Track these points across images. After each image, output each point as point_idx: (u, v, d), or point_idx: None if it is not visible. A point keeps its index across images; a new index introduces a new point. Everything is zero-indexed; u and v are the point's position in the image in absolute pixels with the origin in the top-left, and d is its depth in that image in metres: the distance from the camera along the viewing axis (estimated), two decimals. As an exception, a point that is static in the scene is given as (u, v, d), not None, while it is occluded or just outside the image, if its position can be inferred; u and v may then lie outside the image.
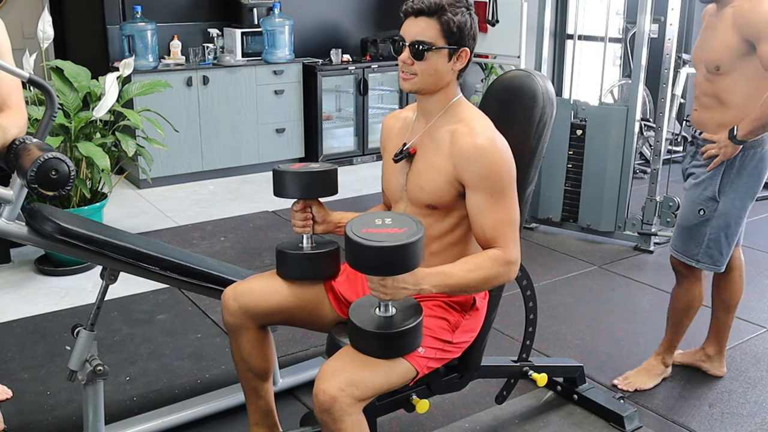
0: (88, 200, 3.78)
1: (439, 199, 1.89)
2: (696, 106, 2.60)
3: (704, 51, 2.51)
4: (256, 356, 2.06)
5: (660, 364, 2.78)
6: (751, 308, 3.47)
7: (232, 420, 2.50)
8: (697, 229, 2.60)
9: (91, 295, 3.46)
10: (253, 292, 1.99)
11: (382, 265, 1.65)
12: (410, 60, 1.82)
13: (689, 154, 2.71)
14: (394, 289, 1.69)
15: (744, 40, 2.37)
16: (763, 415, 2.61)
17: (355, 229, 1.67)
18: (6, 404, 2.58)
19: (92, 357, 2.06)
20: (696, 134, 2.65)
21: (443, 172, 1.86)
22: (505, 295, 2.52)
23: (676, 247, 2.68)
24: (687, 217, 2.63)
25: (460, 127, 1.86)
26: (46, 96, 2.04)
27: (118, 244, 2.04)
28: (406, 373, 1.79)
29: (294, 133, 5.76)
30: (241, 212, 4.78)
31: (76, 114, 3.73)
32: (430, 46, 1.81)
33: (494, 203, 1.82)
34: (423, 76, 1.84)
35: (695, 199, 2.60)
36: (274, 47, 5.52)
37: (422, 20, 1.81)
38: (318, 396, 1.68)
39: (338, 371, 1.70)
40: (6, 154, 2.02)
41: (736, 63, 2.40)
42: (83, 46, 5.81)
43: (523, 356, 2.44)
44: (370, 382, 1.71)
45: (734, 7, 2.40)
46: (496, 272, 1.82)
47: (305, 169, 2.05)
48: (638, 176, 5.26)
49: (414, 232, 1.66)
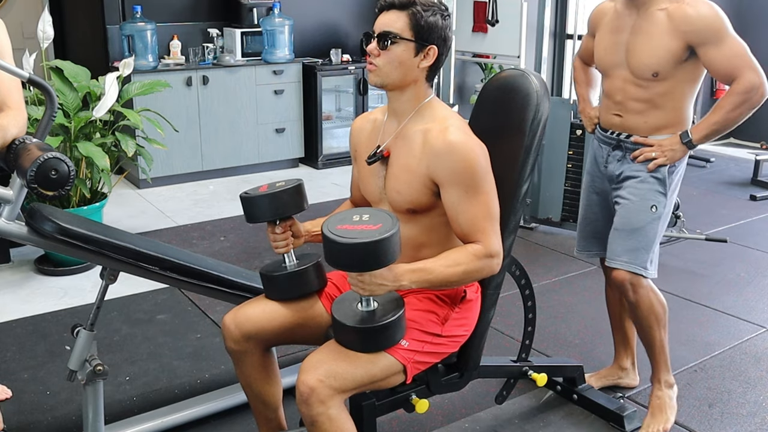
0: (88, 200, 3.78)
1: (417, 202, 1.90)
2: (618, 111, 2.42)
3: (633, 56, 2.33)
4: (262, 381, 2.06)
5: (666, 389, 2.55)
6: (751, 308, 3.48)
7: (232, 420, 2.50)
8: (649, 229, 2.38)
9: (91, 295, 3.46)
10: (254, 318, 1.98)
11: (356, 261, 1.68)
12: (376, 51, 1.86)
13: (615, 159, 2.47)
14: (371, 284, 1.73)
15: (687, 47, 2.26)
16: (763, 415, 2.61)
17: (330, 227, 1.70)
18: (6, 404, 2.58)
19: (92, 357, 2.06)
20: (622, 138, 2.44)
21: (417, 173, 1.87)
22: (505, 295, 2.52)
23: (623, 257, 2.39)
24: (639, 217, 2.38)
25: (432, 126, 1.88)
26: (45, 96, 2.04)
27: (118, 244, 2.04)
28: (389, 367, 1.81)
29: (294, 133, 5.76)
30: (240, 212, 4.71)
31: (76, 114, 3.73)
32: (396, 35, 1.83)
33: (469, 198, 1.83)
34: (387, 67, 1.86)
35: (645, 196, 2.39)
36: (274, 47, 5.52)
37: (392, 13, 1.86)
38: (299, 387, 1.72)
39: (319, 363, 1.74)
40: (6, 154, 2.02)
41: (677, 69, 2.29)
42: (83, 46, 5.81)
43: (522, 356, 2.44)
44: (350, 375, 1.74)
45: (669, 12, 2.27)
46: (477, 266, 1.84)
47: (275, 189, 2.00)
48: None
49: (388, 228, 1.67)
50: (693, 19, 2.23)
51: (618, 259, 2.40)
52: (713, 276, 3.87)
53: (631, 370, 2.77)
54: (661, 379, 2.54)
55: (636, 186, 2.40)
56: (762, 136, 6.86)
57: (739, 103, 2.25)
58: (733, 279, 3.83)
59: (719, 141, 7.10)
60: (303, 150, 5.84)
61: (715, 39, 2.23)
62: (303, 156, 5.87)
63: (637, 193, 2.39)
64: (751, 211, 4.94)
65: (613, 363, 2.78)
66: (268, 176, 5.63)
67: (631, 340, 2.73)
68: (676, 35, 2.25)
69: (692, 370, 2.91)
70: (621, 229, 2.41)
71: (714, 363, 2.97)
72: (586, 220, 2.65)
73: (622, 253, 2.39)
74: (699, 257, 4.11)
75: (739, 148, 6.90)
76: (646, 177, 2.39)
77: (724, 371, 2.91)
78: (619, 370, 2.76)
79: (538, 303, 2.48)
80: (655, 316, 2.44)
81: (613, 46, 2.41)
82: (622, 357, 2.76)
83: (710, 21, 2.23)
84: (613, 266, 2.41)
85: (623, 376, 2.76)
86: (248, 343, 1.99)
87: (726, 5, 6.97)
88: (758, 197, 5.16)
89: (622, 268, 2.39)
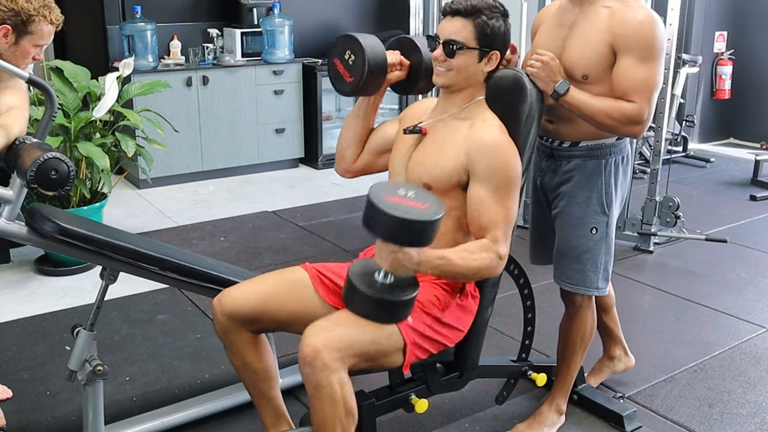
0: (88, 200, 3.78)
1: (436, 180, 1.94)
2: (551, 117, 2.25)
3: (566, 54, 2.16)
4: (251, 356, 2.06)
5: (554, 413, 2.46)
6: (751, 308, 3.48)
7: (232, 420, 2.50)
8: (593, 252, 2.27)
9: (91, 295, 3.46)
10: (234, 298, 1.99)
11: (399, 236, 1.69)
12: (442, 57, 1.94)
13: (549, 170, 2.33)
14: (398, 261, 1.75)
15: (613, 51, 2.09)
16: (763, 415, 2.61)
17: (379, 195, 1.71)
18: (6, 404, 2.58)
19: (92, 357, 2.06)
20: (555, 146, 2.29)
21: (452, 158, 1.93)
22: (505, 295, 2.52)
23: (571, 280, 2.31)
24: (579, 242, 2.27)
25: (479, 122, 1.96)
26: (46, 96, 2.04)
27: (118, 244, 2.04)
28: (394, 340, 1.83)
29: (294, 133, 5.76)
30: (240, 212, 4.78)
31: (76, 114, 3.73)
32: (462, 45, 1.92)
33: (497, 198, 1.89)
34: (455, 72, 1.95)
35: (583, 220, 2.26)
36: (274, 47, 5.52)
37: (458, 20, 1.92)
38: (303, 350, 1.71)
39: (325, 328, 1.75)
40: (6, 154, 2.02)
41: (606, 74, 2.11)
42: (83, 46, 5.81)
43: (522, 356, 2.44)
44: (357, 341, 1.75)
45: (612, 11, 2.10)
46: (488, 265, 1.88)
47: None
48: (638, 176, 5.26)
49: (436, 211, 1.71)
50: (629, 23, 2.06)
51: (566, 282, 2.34)
52: (713, 276, 3.87)
53: (622, 355, 2.75)
54: (554, 401, 2.47)
55: (573, 208, 2.28)
56: (762, 136, 6.87)
57: (617, 119, 2.08)
58: (733, 279, 3.83)
59: (719, 141, 7.11)
60: (303, 150, 5.84)
61: (639, 52, 2.06)
62: (303, 156, 5.86)
63: (575, 215, 2.28)
64: (751, 211, 4.93)
65: (603, 355, 2.77)
66: (268, 176, 5.64)
67: (614, 331, 2.72)
68: (608, 36, 2.09)
69: (692, 370, 2.91)
70: (564, 253, 2.32)
71: (714, 363, 2.97)
72: (537, 231, 2.54)
73: (570, 276, 2.32)
74: (699, 257, 4.11)
75: (739, 148, 6.90)
76: (583, 198, 2.26)
77: (724, 371, 2.91)
78: (610, 360, 2.75)
79: (538, 303, 2.48)
80: (582, 338, 2.41)
81: (550, 41, 2.23)
82: (611, 347, 2.75)
83: (644, 33, 2.06)
84: (560, 286, 2.38)
85: (617, 363, 2.75)
86: (232, 322, 1.99)
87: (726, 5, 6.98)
88: (758, 197, 5.16)
89: (568, 290, 2.35)
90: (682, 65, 5.85)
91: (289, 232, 4.42)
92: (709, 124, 7.00)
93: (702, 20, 6.59)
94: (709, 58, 6.69)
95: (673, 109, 5.80)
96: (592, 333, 2.44)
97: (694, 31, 6.55)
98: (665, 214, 4.16)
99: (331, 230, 4.45)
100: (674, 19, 3.98)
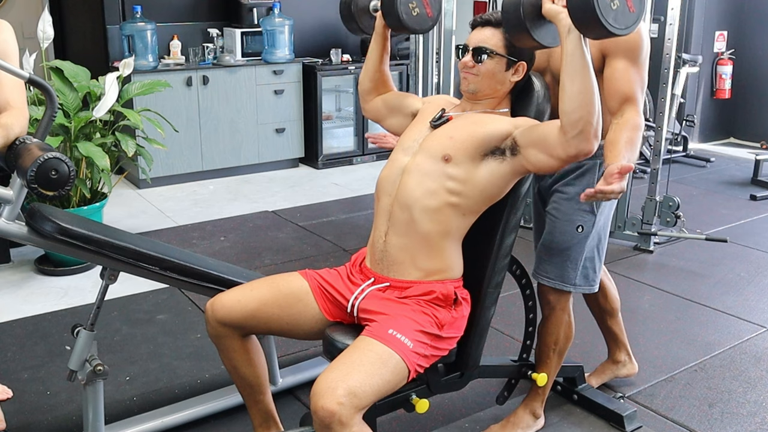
0: (88, 200, 3.78)
1: (463, 149, 1.94)
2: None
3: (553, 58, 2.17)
4: (241, 362, 2.07)
5: (529, 415, 2.45)
6: (752, 308, 3.48)
7: (231, 420, 2.50)
8: (575, 249, 2.30)
9: (91, 295, 3.46)
10: (225, 305, 2.00)
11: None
12: (471, 62, 2.00)
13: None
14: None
15: (602, 56, 2.13)
16: (763, 415, 2.61)
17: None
18: (6, 404, 2.58)
19: (92, 357, 2.06)
20: None
21: (491, 128, 1.95)
22: (505, 294, 2.52)
23: (549, 274, 2.33)
24: (563, 237, 2.30)
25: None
26: (46, 96, 2.04)
27: (118, 244, 2.04)
28: (398, 371, 1.80)
29: (294, 133, 5.76)
30: (240, 212, 4.78)
31: (76, 114, 3.73)
32: (491, 51, 1.98)
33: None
34: (482, 77, 2.00)
35: (571, 217, 2.29)
36: (274, 47, 5.52)
37: (488, 29, 2.01)
38: (317, 413, 1.65)
39: (334, 383, 1.67)
40: (6, 154, 2.02)
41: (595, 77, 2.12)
42: (83, 46, 5.81)
43: (523, 356, 2.44)
44: (369, 387, 1.71)
45: None
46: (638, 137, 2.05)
47: None
48: (638, 176, 5.26)
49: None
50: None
51: (544, 276, 2.34)
52: (713, 276, 3.87)
53: (627, 361, 2.75)
54: (529, 405, 2.46)
55: (562, 204, 2.31)
56: (762, 135, 6.87)
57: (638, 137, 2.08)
58: (733, 279, 3.83)
59: (719, 141, 7.11)
60: (303, 150, 5.84)
61: (630, 54, 2.11)
62: (303, 156, 5.86)
63: (563, 211, 2.31)
64: (751, 211, 4.94)
65: (608, 358, 2.77)
66: (268, 176, 5.64)
67: (619, 336, 2.72)
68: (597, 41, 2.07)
69: (692, 370, 2.91)
70: (547, 247, 2.34)
71: (714, 363, 2.97)
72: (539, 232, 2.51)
73: (549, 270, 2.33)
74: (699, 257, 4.11)
75: (739, 147, 6.90)
76: (573, 195, 2.28)
77: (724, 371, 2.91)
78: (614, 364, 2.75)
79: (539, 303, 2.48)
80: (556, 342, 2.38)
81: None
82: (615, 352, 2.75)
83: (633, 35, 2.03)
84: (539, 281, 2.36)
85: (620, 368, 2.75)
86: (224, 328, 2.01)
87: (726, 5, 6.98)
88: (758, 197, 5.16)
89: (546, 285, 2.35)
90: (683, 65, 5.85)
91: (289, 232, 4.42)
92: (709, 124, 7.00)
93: (702, 20, 6.59)
94: (709, 57, 6.69)
95: (673, 109, 5.80)
96: (568, 339, 2.40)
97: (694, 30, 6.55)
98: (665, 214, 4.16)
99: (331, 230, 4.45)
100: (674, 18, 3.98)
